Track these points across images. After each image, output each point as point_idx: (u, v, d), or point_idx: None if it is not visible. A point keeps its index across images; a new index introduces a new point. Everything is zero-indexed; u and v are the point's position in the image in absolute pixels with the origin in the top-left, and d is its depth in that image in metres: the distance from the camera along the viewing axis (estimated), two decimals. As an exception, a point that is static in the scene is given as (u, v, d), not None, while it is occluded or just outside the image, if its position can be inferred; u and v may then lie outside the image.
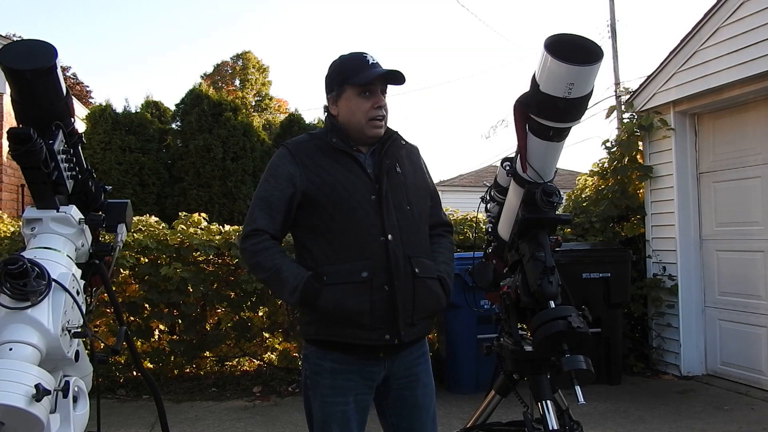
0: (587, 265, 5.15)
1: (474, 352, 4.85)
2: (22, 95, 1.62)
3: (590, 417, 4.28)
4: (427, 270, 2.04)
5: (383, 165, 2.03)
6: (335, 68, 2.09)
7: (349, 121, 2.05)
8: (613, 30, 6.93)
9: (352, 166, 2.03)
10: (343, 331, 1.95)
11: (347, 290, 1.92)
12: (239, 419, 4.43)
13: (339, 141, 2.04)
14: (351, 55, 2.08)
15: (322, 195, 1.99)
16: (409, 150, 2.20)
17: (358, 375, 2.00)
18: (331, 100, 2.10)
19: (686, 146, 5.66)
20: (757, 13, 4.67)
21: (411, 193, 2.09)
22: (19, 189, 8.42)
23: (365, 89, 2.02)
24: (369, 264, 1.94)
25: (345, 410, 1.99)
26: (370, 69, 2.01)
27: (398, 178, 2.07)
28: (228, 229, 5.31)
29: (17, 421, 1.32)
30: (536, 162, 2.15)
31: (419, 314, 2.00)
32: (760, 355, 5.03)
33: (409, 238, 2.02)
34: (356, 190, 1.99)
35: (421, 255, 2.05)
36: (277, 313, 5.37)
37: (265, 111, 26.89)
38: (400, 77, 2.03)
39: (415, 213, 2.08)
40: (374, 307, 1.93)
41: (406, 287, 1.97)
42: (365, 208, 1.98)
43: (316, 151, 2.05)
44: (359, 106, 2.02)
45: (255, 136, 9.71)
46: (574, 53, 1.87)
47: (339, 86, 2.06)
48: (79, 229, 1.75)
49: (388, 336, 1.95)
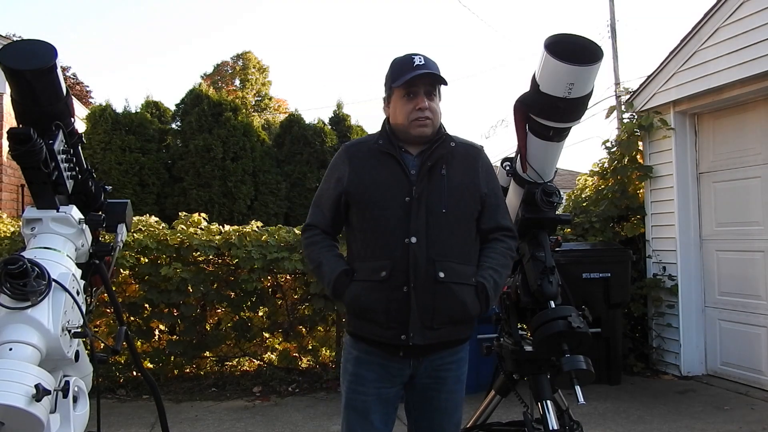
0: (587, 265, 5.15)
1: (474, 352, 4.83)
2: (22, 95, 1.62)
3: (590, 417, 4.28)
4: (457, 275, 2.01)
5: (424, 166, 2.05)
6: (387, 72, 2.12)
7: (396, 122, 2.10)
8: (613, 30, 6.93)
9: (394, 167, 2.06)
10: (363, 325, 2.05)
11: (366, 288, 2.01)
12: (239, 419, 4.42)
13: (385, 143, 2.09)
14: (400, 58, 2.10)
15: (358, 194, 2.07)
16: (467, 150, 2.16)
17: (380, 368, 2.05)
18: (385, 102, 2.16)
19: (686, 146, 5.66)
20: (757, 13, 4.67)
21: (453, 196, 2.05)
22: (19, 189, 8.42)
23: (408, 91, 2.04)
24: (389, 264, 1.98)
25: (365, 400, 2.04)
26: (413, 71, 2.01)
27: (441, 179, 2.05)
28: (228, 229, 5.30)
29: (17, 421, 1.32)
30: (536, 162, 2.16)
31: (439, 319, 1.99)
32: (760, 355, 5.03)
33: (438, 241, 2.00)
34: (390, 191, 2.03)
35: (450, 259, 2.01)
36: (277, 313, 5.37)
37: (265, 111, 26.89)
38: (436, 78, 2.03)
39: (451, 216, 2.04)
40: (390, 306, 1.97)
41: (425, 291, 1.97)
42: (395, 209, 2.01)
43: (367, 152, 2.12)
44: (402, 108, 2.06)
45: (255, 136, 9.71)
46: (574, 53, 1.87)
47: (388, 89, 2.12)
48: (79, 229, 1.75)
49: (404, 336, 1.97)
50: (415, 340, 1.97)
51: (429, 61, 2.05)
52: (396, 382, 2.07)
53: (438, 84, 2.07)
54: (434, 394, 2.09)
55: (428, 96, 2.04)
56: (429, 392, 2.09)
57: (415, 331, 1.96)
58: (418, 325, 1.97)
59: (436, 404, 2.10)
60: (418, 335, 1.97)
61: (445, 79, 2.05)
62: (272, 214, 9.29)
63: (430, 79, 2.03)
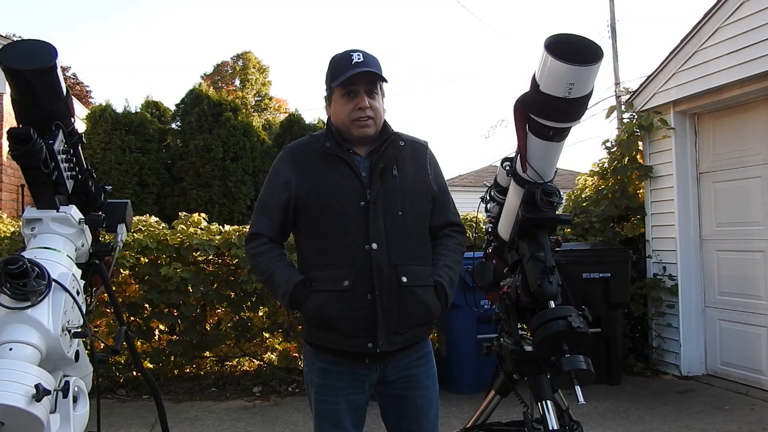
0: (587, 265, 5.15)
1: (474, 352, 4.85)
2: (22, 95, 1.62)
3: (590, 417, 4.28)
4: (418, 278, 2.00)
5: (376, 168, 2.00)
6: (327, 70, 2.07)
7: (337, 122, 2.05)
8: (613, 30, 6.92)
9: (345, 171, 2.01)
10: (326, 336, 1.99)
11: (329, 297, 1.95)
12: (239, 419, 4.43)
13: (332, 145, 2.03)
14: (338, 56, 2.04)
15: (310, 200, 2.00)
16: (414, 148, 2.13)
17: (348, 376, 2.01)
18: (326, 102, 2.10)
19: (686, 146, 5.66)
20: (757, 13, 4.67)
21: (407, 197, 2.03)
22: (19, 189, 8.42)
23: (348, 90, 1.99)
24: (351, 272, 1.93)
25: (336, 409, 2.00)
26: (352, 69, 1.96)
27: (393, 181, 2.02)
28: (228, 229, 5.31)
29: (17, 421, 1.32)
30: (536, 162, 2.15)
31: (405, 324, 1.98)
32: (760, 355, 5.03)
33: (397, 245, 1.98)
34: (344, 196, 1.98)
35: (411, 262, 2.00)
36: (277, 313, 5.37)
37: (265, 111, 26.88)
38: (376, 76, 1.98)
39: (408, 218, 2.02)
40: (355, 315, 1.93)
41: (390, 297, 1.94)
42: (351, 215, 1.97)
43: (313, 155, 2.06)
44: (343, 107, 2.01)
45: (255, 136, 9.71)
46: (574, 53, 1.87)
47: (329, 88, 2.06)
48: (79, 229, 1.75)
49: (371, 344, 1.94)
50: (383, 347, 1.95)
51: (369, 58, 1.99)
52: (365, 388, 2.04)
53: (378, 81, 2.02)
54: (408, 393, 2.06)
55: (369, 94, 1.99)
56: (403, 392, 2.06)
57: (382, 338, 1.94)
58: (384, 332, 1.94)
59: (412, 403, 2.07)
60: (385, 342, 1.95)
61: (384, 77, 2.00)
62: (272, 214, 9.28)
63: (369, 77, 1.98)
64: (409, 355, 2.06)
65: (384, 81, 2.03)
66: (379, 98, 2.04)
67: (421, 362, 2.09)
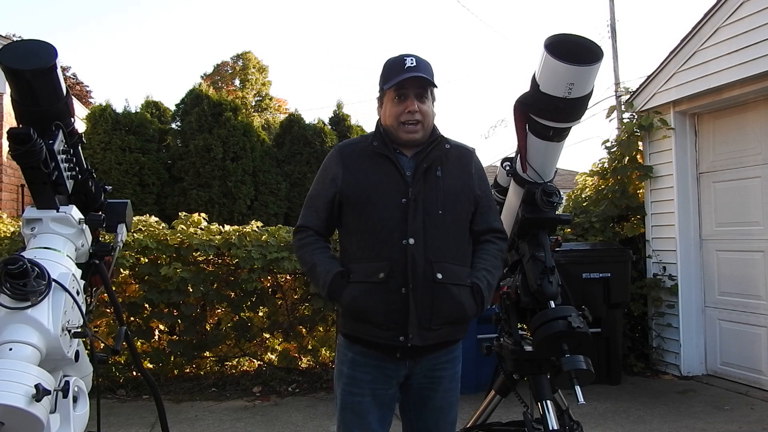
0: (587, 265, 5.14)
1: (474, 352, 4.85)
2: (22, 95, 1.62)
3: (590, 417, 4.28)
4: (454, 276, 2.02)
5: (419, 168, 2.05)
6: (381, 72, 2.12)
7: (387, 124, 2.10)
8: (613, 30, 6.91)
9: (389, 168, 2.06)
10: (360, 327, 2.04)
11: (364, 289, 2.00)
12: (239, 419, 4.42)
13: (380, 144, 2.09)
14: (392, 59, 2.09)
15: (353, 195, 2.06)
16: (461, 153, 2.17)
17: (376, 369, 2.04)
18: (378, 102, 2.15)
19: (686, 146, 5.66)
20: (757, 13, 4.67)
21: (448, 198, 2.06)
22: (19, 189, 8.42)
23: (398, 93, 2.04)
24: (387, 266, 1.98)
25: (361, 401, 2.04)
26: (404, 73, 2.01)
27: (436, 181, 2.06)
28: (228, 229, 5.31)
29: (17, 421, 1.32)
30: (536, 162, 2.16)
31: (438, 320, 2.00)
32: (760, 355, 5.03)
33: (435, 242, 2.01)
34: (386, 192, 2.03)
35: (447, 260, 2.02)
36: (277, 313, 5.37)
37: (265, 111, 26.89)
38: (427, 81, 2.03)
39: (448, 218, 2.05)
40: (389, 308, 1.97)
41: (423, 292, 1.97)
42: (392, 210, 2.01)
43: (361, 153, 2.12)
44: (392, 110, 2.06)
45: (255, 136, 9.70)
46: (574, 53, 1.87)
47: (380, 90, 2.12)
48: (79, 229, 1.75)
49: (402, 338, 1.97)
50: (414, 341, 1.97)
51: (421, 63, 2.04)
52: (392, 384, 2.07)
53: (429, 86, 2.06)
54: (430, 394, 2.10)
55: (419, 99, 2.04)
56: (425, 392, 2.09)
57: (413, 332, 1.96)
58: (416, 327, 1.97)
59: (433, 404, 2.10)
60: (416, 336, 1.97)
61: (435, 83, 2.05)
62: (272, 214, 9.30)
63: (420, 81, 2.03)
64: (440, 357, 2.09)
65: (434, 86, 2.08)
66: (429, 102, 2.08)
67: (448, 366, 2.12)
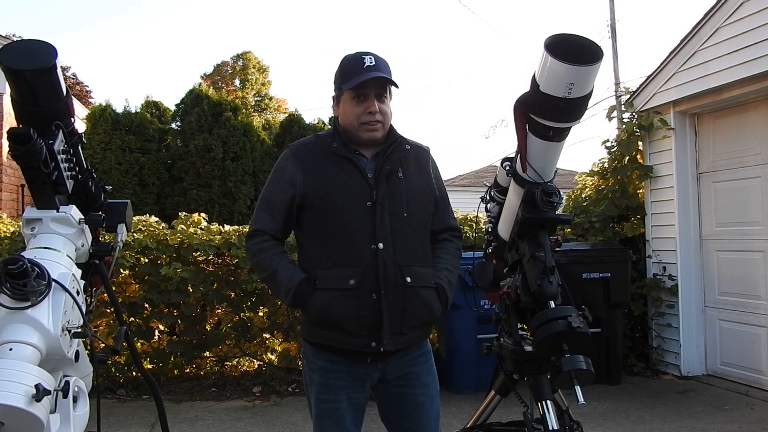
0: (587, 265, 5.14)
1: (474, 352, 4.85)
2: (22, 95, 1.62)
3: (590, 417, 4.28)
4: (421, 279, 2.02)
5: (383, 170, 2.02)
6: (337, 70, 2.08)
7: (345, 124, 2.06)
8: (613, 30, 6.91)
9: (351, 171, 2.02)
10: (330, 335, 1.99)
11: (334, 296, 1.95)
12: (239, 419, 4.43)
13: (339, 145, 2.04)
14: (350, 57, 2.06)
15: (317, 199, 2.01)
16: (418, 153, 2.16)
17: (349, 375, 2.01)
18: (334, 102, 2.11)
19: (686, 146, 5.66)
20: (757, 13, 4.67)
21: (411, 199, 2.05)
22: (19, 189, 8.42)
23: (358, 93, 2.01)
24: (357, 271, 1.94)
25: (337, 408, 2.00)
26: (364, 73, 1.97)
27: (399, 183, 2.04)
28: (228, 229, 5.31)
29: (17, 421, 1.32)
30: (536, 162, 2.15)
31: (409, 324, 1.99)
32: (760, 355, 5.03)
33: (403, 246, 1.99)
34: (352, 195, 1.99)
35: (415, 264, 2.02)
36: (277, 314, 5.37)
37: (265, 111, 26.89)
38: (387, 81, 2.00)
39: (413, 220, 2.04)
40: (360, 314, 1.94)
41: (395, 296, 1.96)
42: (358, 214, 1.97)
43: (319, 154, 2.06)
44: (352, 110, 2.02)
45: (255, 136, 9.71)
46: (574, 53, 1.87)
47: (338, 89, 2.07)
48: (79, 229, 1.74)
49: (374, 343, 1.95)
50: (387, 346, 1.95)
51: (380, 62, 2.01)
52: (366, 387, 2.05)
53: (388, 86, 2.04)
54: (408, 391, 2.07)
55: (378, 98, 2.01)
56: (403, 390, 2.07)
57: (386, 337, 1.95)
58: (389, 332, 1.95)
59: (413, 400, 2.07)
60: (389, 342, 1.95)
61: (395, 82, 2.02)
62: (272, 214, 9.29)
63: (380, 81, 2.00)
64: (410, 353, 2.07)
65: (395, 86, 2.05)
66: (387, 102, 2.06)
67: (421, 360, 2.11)
